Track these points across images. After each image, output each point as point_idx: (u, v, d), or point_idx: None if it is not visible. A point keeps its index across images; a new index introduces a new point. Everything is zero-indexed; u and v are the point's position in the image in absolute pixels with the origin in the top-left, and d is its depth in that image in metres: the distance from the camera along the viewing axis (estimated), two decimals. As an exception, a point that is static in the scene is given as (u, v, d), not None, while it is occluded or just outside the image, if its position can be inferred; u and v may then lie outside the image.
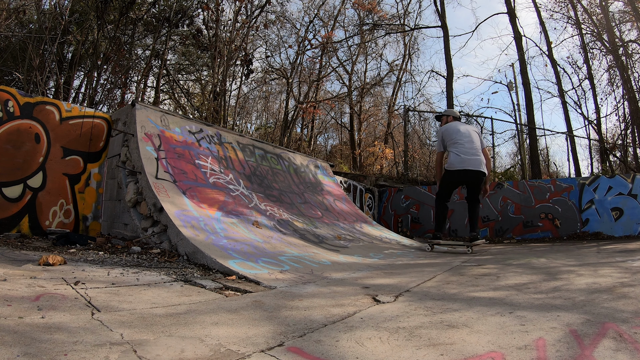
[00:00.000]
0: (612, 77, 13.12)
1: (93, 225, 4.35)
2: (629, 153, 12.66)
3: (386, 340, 1.19)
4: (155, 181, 3.64)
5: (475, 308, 1.60)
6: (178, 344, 1.10)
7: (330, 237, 4.59)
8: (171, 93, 13.40)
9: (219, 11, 9.71)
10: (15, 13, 7.83)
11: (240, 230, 3.55)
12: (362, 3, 15.09)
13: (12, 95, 3.87)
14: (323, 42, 14.50)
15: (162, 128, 4.47)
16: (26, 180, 3.84)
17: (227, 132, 5.74)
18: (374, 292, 2.00)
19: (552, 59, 13.24)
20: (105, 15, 8.22)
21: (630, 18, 12.39)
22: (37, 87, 6.18)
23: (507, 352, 1.06)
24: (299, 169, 6.78)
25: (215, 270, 2.51)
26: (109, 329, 1.20)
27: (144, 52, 11.52)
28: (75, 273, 2.11)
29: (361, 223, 6.39)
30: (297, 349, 1.10)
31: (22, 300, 1.46)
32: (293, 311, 1.56)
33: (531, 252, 4.43)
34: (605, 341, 1.12)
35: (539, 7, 13.42)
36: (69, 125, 4.26)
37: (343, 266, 3.10)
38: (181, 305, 1.60)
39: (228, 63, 9.43)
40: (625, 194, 7.34)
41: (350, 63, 17.58)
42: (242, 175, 5.13)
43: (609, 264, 3.07)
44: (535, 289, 1.99)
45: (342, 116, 20.84)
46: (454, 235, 8.97)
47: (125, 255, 2.96)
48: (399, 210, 9.99)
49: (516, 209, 8.23)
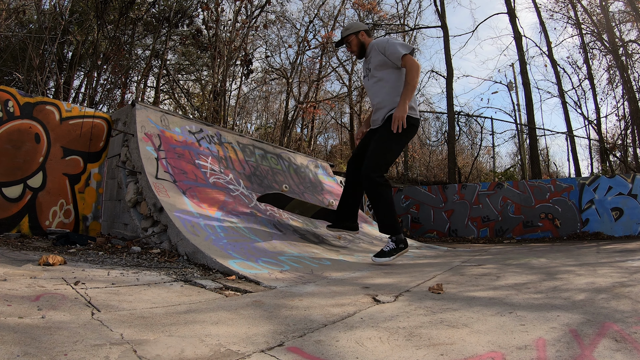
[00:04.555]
0: (612, 77, 13.14)
1: (93, 225, 4.35)
2: (629, 153, 12.67)
3: (386, 340, 1.19)
4: (155, 181, 3.64)
5: (475, 308, 1.60)
6: (178, 344, 1.10)
7: (330, 236, 4.60)
8: (171, 93, 13.40)
9: (218, 11, 9.71)
10: (15, 13, 7.83)
11: (240, 230, 3.55)
12: (362, 3, 15.10)
13: (12, 95, 3.87)
14: (323, 42, 14.51)
15: (162, 128, 4.47)
16: (26, 180, 3.84)
17: (227, 132, 5.74)
18: (373, 292, 2.01)
19: (552, 59, 13.25)
20: (105, 15, 8.23)
21: (630, 18, 12.40)
22: (37, 87, 6.18)
23: (507, 352, 1.06)
24: (299, 169, 6.78)
25: (215, 270, 2.51)
26: (109, 329, 1.20)
27: (144, 52, 11.53)
28: (75, 273, 2.11)
29: (361, 223, 6.38)
30: (297, 348, 1.10)
31: (22, 300, 1.47)
32: (293, 311, 1.56)
33: (531, 252, 4.43)
34: (605, 341, 1.12)
35: (539, 7, 13.44)
36: (69, 125, 4.26)
37: (343, 266, 3.11)
38: (181, 305, 1.60)
39: (228, 63, 9.43)
40: (625, 194, 7.35)
41: (350, 63, 17.57)
42: (242, 175, 5.13)
43: (608, 264, 3.07)
44: (535, 289, 1.99)
45: (342, 116, 20.85)
46: (454, 235, 8.98)
47: (125, 255, 2.97)
48: (399, 210, 9.99)
49: (516, 209, 8.23)
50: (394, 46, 3.08)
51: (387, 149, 3.17)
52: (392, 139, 3.10)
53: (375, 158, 3.14)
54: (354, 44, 3.32)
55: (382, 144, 3.15)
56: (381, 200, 3.12)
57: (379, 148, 3.16)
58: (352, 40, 3.31)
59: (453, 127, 12.77)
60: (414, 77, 2.98)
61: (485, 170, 16.46)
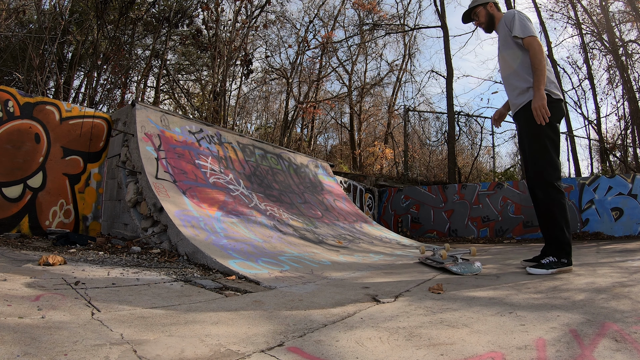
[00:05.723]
0: (611, 77, 13.14)
1: (93, 225, 4.35)
2: (629, 153, 12.67)
3: (386, 340, 1.19)
4: (155, 181, 3.64)
5: (475, 308, 1.60)
6: (178, 344, 1.10)
7: (330, 236, 4.60)
8: (171, 93, 13.40)
9: (218, 11, 9.72)
10: (15, 13, 7.83)
11: (240, 230, 3.55)
12: (362, 3, 15.10)
13: (12, 95, 3.87)
14: (323, 42, 14.51)
15: (162, 128, 4.47)
16: (26, 180, 3.84)
17: (227, 132, 5.74)
18: (373, 292, 2.01)
19: (552, 59, 13.23)
20: (105, 15, 8.22)
21: (630, 18, 12.40)
22: (37, 87, 6.18)
23: (507, 352, 1.06)
24: (299, 169, 6.78)
25: (215, 270, 2.51)
26: (109, 329, 1.20)
27: (144, 52, 11.53)
28: (75, 273, 2.12)
29: (361, 223, 6.39)
30: (297, 348, 1.10)
31: (22, 300, 1.47)
32: (293, 311, 1.56)
33: (531, 252, 4.42)
34: (604, 341, 1.12)
35: (538, 7, 13.42)
36: (69, 125, 4.26)
37: (343, 266, 3.11)
38: (181, 305, 1.60)
39: (228, 63, 9.44)
40: (625, 194, 7.34)
41: (350, 63, 17.60)
42: (242, 175, 5.13)
43: (608, 264, 3.07)
44: (535, 289, 1.99)
45: (342, 116, 20.84)
46: (454, 235, 8.98)
47: (125, 255, 2.97)
48: (399, 210, 10.00)
49: (516, 209, 8.23)
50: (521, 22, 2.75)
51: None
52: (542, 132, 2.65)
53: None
54: (482, 14, 3.04)
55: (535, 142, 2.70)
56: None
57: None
58: (480, 12, 3.05)
59: (453, 127, 12.77)
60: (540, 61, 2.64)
61: (485, 170, 16.46)
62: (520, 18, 2.78)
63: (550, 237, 2.64)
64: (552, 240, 2.62)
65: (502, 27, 2.92)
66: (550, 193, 2.60)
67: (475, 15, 3.09)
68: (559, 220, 2.57)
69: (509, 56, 2.86)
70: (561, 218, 2.57)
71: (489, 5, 3.04)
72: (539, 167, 2.65)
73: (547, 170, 2.61)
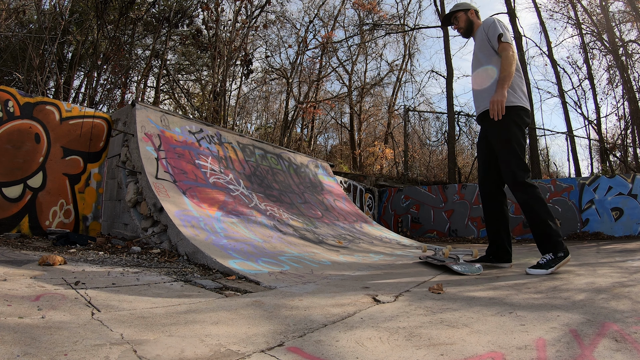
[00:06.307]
0: (612, 77, 13.14)
1: (93, 225, 4.35)
2: (629, 153, 12.67)
3: (386, 340, 1.19)
4: (155, 181, 3.64)
5: (475, 308, 1.60)
6: (178, 344, 1.10)
7: (330, 236, 4.60)
8: (171, 93, 13.40)
9: (218, 11, 9.72)
10: (15, 13, 7.83)
11: (240, 230, 3.55)
12: (362, 3, 15.11)
13: (12, 95, 3.87)
14: (323, 42, 14.51)
15: (162, 128, 4.47)
16: (26, 180, 3.84)
17: (227, 132, 5.74)
18: (374, 292, 2.01)
19: (552, 59, 13.25)
20: (105, 15, 8.23)
21: (630, 18, 12.40)
22: (37, 87, 6.18)
23: (507, 352, 1.06)
24: (299, 169, 6.79)
25: (215, 270, 2.51)
26: (109, 329, 1.20)
27: (144, 52, 11.53)
28: (75, 273, 2.12)
29: (361, 223, 6.39)
30: (297, 349, 1.10)
31: (22, 300, 1.47)
32: (293, 311, 1.56)
33: (531, 252, 4.43)
34: (605, 341, 1.12)
35: (539, 7, 13.43)
36: (69, 125, 4.26)
37: (343, 266, 3.11)
38: (181, 305, 1.60)
39: (228, 63, 9.44)
40: (625, 194, 7.35)
41: (350, 63, 17.61)
42: (242, 175, 5.13)
43: (608, 264, 3.07)
44: (534, 289, 1.99)
45: (342, 116, 20.86)
46: (454, 235, 8.98)
47: (125, 255, 2.97)
48: (399, 210, 10.00)
49: (516, 209, 8.22)
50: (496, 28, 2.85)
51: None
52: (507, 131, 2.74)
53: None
54: (462, 19, 3.15)
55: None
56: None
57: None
58: (461, 17, 3.15)
59: (453, 127, 12.78)
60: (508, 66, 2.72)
61: (485, 170, 16.44)
62: (500, 25, 2.89)
63: (540, 235, 2.68)
64: (543, 238, 2.65)
65: (480, 32, 3.03)
66: (527, 191, 2.68)
67: (455, 19, 3.21)
68: (542, 216, 2.62)
69: (485, 59, 2.94)
70: (543, 212, 2.63)
71: (470, 12, 3.15)
72: (511, 172, 2.73)
73: (519, 173, 2.70)
